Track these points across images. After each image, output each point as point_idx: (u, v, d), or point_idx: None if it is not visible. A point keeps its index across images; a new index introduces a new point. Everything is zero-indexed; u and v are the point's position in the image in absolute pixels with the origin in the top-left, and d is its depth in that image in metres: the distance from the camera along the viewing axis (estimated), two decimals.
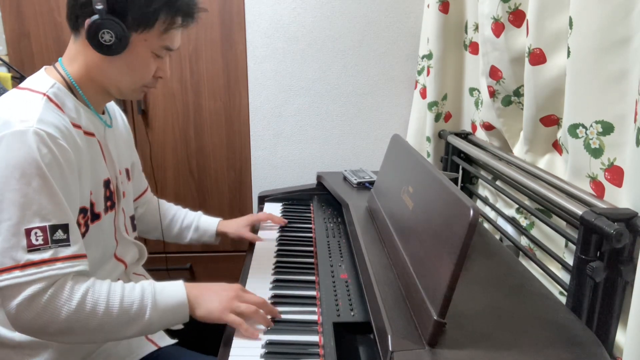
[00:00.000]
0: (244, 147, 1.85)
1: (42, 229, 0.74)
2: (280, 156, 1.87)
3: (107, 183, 0.93)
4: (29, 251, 0.73)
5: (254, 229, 1.34)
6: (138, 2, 0.82)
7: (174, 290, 0.84)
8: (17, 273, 0.72)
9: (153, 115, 1.79)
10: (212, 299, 0.85)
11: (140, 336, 0.89)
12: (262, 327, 0.86)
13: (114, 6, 0.81)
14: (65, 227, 0.76)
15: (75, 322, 0.75)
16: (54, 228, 0.75)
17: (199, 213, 1.29)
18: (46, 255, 0.74)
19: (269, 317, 0.87)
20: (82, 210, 0.85)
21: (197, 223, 1.25)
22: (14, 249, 0.73)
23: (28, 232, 0.73)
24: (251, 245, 1.25)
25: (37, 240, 0.74)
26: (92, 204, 0.88)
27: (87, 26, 0.81)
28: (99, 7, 0.79)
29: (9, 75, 1.46)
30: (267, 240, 1.27)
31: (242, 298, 0.87)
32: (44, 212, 0.74)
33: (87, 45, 0.83)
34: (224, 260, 1.93)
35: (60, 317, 0.74)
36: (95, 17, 0.80)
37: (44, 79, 0.85)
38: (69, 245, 0.77)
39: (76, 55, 0.87)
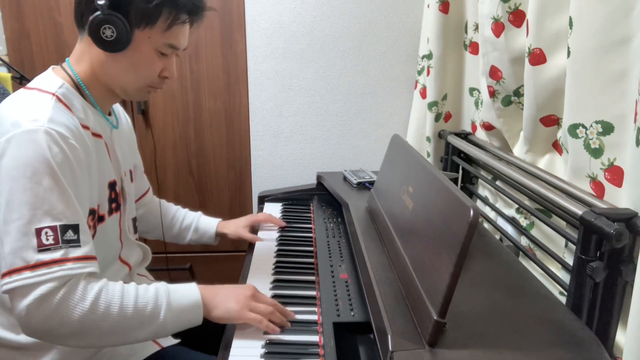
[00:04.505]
0: (244, 147, 1.85)
1: (53, 228, 0.73)
2: (280, 156, 1.87)
3: (112, 185, 0.93)
4: (40, 251, 0.72)
5: (254, 229, 1.34)
6: None
7: (188, 291, 0.83)
8: (27, 274, 0.71)
9: (153, 115, 1.79)
10: (228, 298, 0.85)
11: (150, 340, 0.87)
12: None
13: (116, 2, 0.80)
14: (75, 228, 0.75)
15: (88, 323, 0.74)
16: (64, 228, 0.74)
17: (199, 213, 1.28)
18: (57, 255, 0.72)
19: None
20: (91, 212, 0.85)
21: (196, 224, 1.25)
22: (24, 249, 0.71)
23: (39, 231, 0.72)
24: (251, 245, 1.25)
25: (47, 240, 0.72)
26: (97, 206, 0.88)
27: (89, 22, 0.80)
28: (101, 2, 0.79)
29: (9, 75, 1.46)
30: (267, 240, 1.27)
31: (257, 298, 0.87)
32: (55, 211, 0.73)
33: (92, 43, 0.83)
34: (224, 260, 1.93)
35: (73, 318, 0.73)
36: (97, 12, 0.80)
37: (52, 79, 0.84)
38: (79, 246, 0.75)
39: (82, 54, 0.87)
